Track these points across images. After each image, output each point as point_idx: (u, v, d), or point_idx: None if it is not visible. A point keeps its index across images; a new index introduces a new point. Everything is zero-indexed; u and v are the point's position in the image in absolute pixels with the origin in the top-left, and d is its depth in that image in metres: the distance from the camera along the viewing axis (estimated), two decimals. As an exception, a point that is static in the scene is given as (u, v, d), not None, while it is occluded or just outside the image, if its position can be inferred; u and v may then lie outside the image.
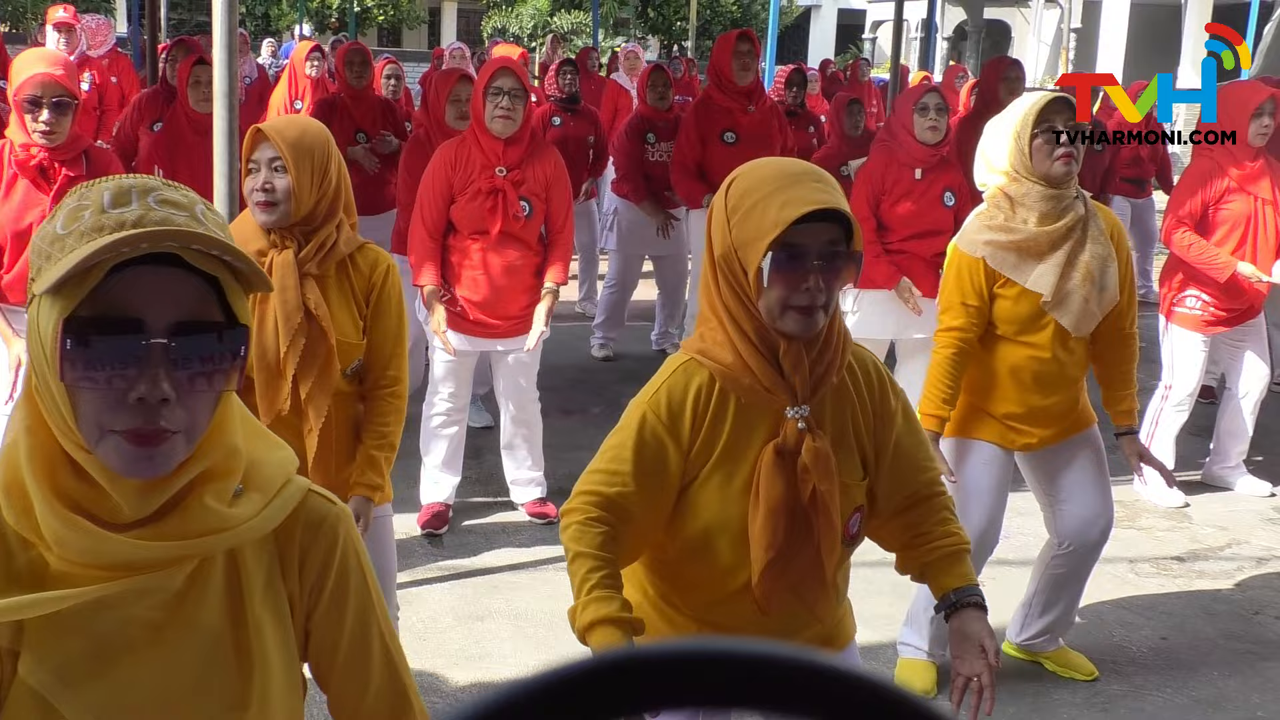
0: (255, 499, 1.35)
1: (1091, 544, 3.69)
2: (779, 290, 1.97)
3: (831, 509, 2.07)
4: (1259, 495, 5.53)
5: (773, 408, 2.07)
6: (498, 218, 4.49)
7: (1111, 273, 3.39)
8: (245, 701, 1.34)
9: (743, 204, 1.99)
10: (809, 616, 2.17)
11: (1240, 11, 13.47)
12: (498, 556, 4.63)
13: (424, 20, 30.66)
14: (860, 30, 32.14)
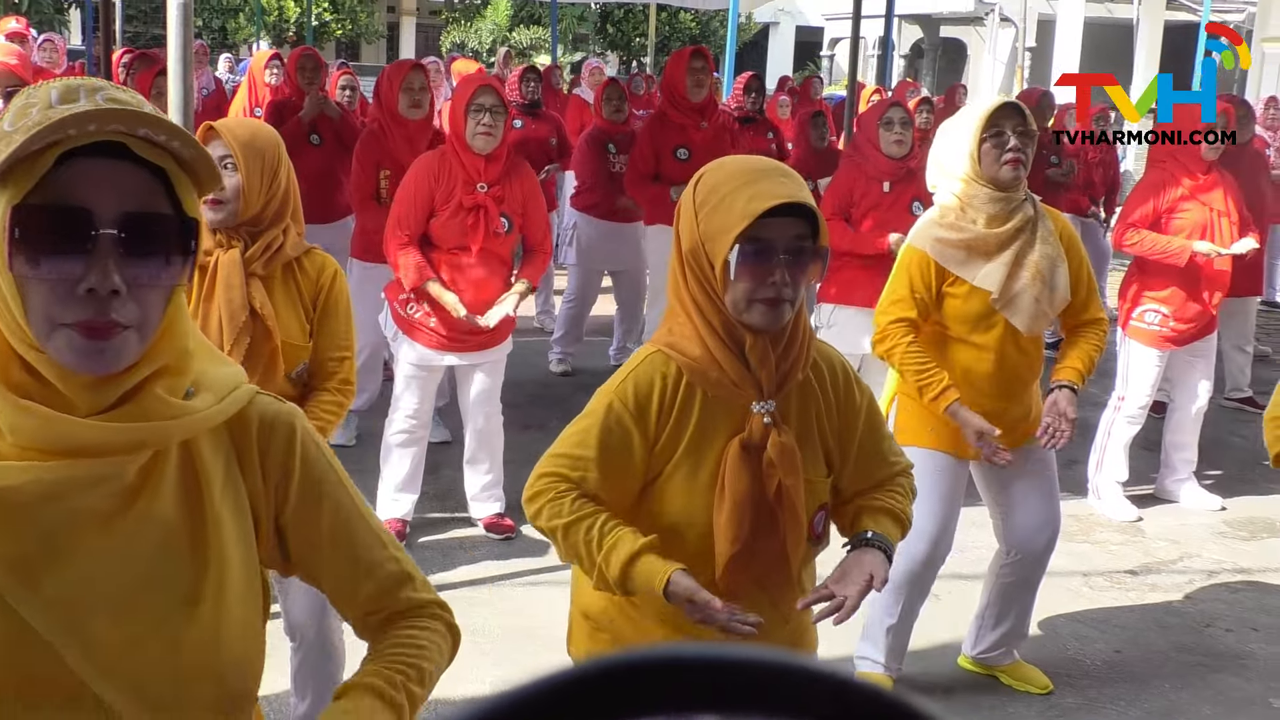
0: (207, 398, 1.35)
1: (1038, 552, 3.72)
2: (746, 283, 1.99)
3: (797, 503, 2.09)
4: (1210, 509, 5.59)
5: (739, 402, 2.08)
6: (479, 234, 4.49)
7: (1061, 272, 3.42)
8: (199, 595, 1.32)
9: (710, 198, 2.01)
10: (774, 614, 2.16)
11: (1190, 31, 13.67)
12: (455, 573, 4.61)
13: (382, 35, 30.57)
14: (818, 47, 32.34)
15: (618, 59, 28.07)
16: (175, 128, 1.27)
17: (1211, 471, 5.90)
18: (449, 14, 29.53)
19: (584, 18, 27.48)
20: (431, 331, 4.61)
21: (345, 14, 27.10)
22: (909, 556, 3.59)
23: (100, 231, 1.23)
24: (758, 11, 26.87)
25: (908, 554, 3.59)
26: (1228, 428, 6.79)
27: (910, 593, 3.66)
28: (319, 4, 25.49)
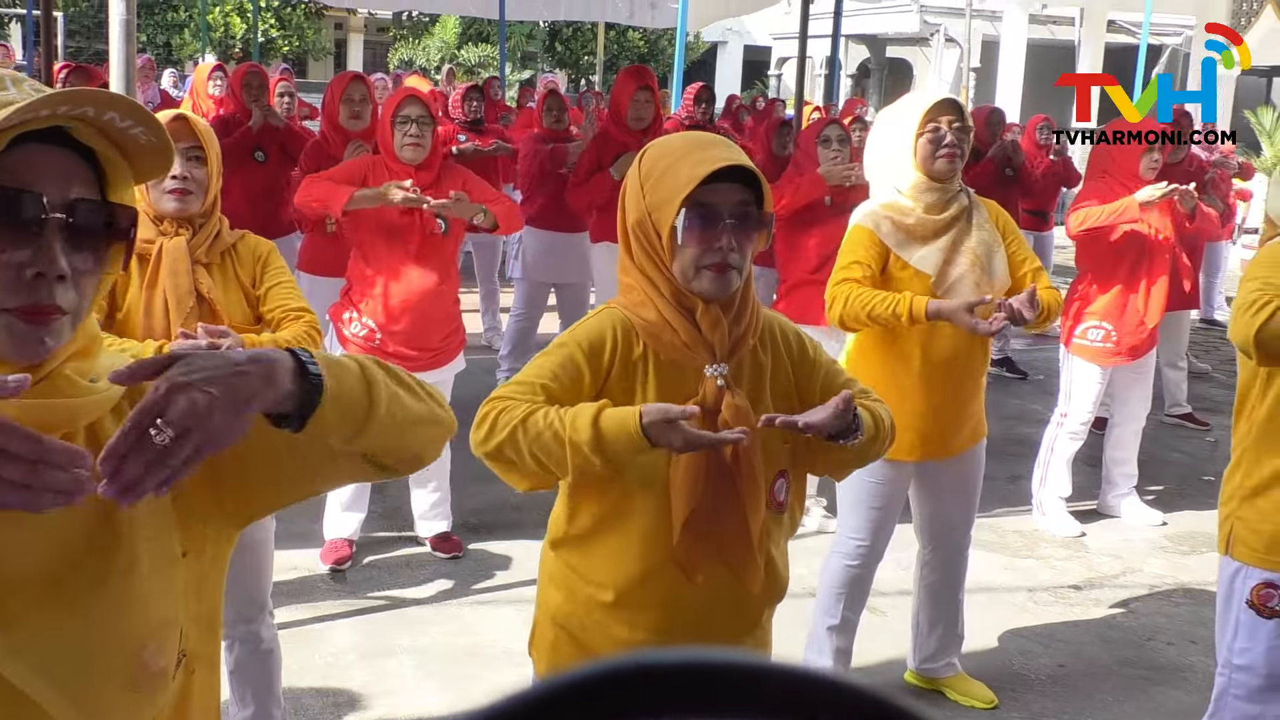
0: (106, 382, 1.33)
1: (954, 547, 3.78)
2: (693, 249, 2.02)
3: (754, 464, 2.10)
4: (1151, 524, 5.67)
5: (692, 365, 2.10)
6: (415, 235, 4.48)
7: (999, 258, 3.48)
8: (109, 573, 1.29)
9: (655, 169, 2.05)
10: (737, 588, 2.15)
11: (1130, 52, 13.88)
12: (403, 592, 4.58)
13: (329, 51, 30.45)
14: (766, 66, 32.52)
15: (566, 77, 28.10)
16: (144, 113, 1.26)
17: (1152, 487, 5.98)
18: (397, 31, 29.45)
19: (532, 36, 27.49)
20: (376, 350, 4.58)
21: (292, 30, 26.98)
22: (849, 556, 3.66)
23: (49, 216, 1.23)
24: (706, 31, 26.99)
25: (847, 554, 3.67)
26: (1168, 444, 6.89)
27: (850, 593, 3.71)
28: (265, 20, 25.36)
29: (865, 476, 3.54)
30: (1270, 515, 2.84)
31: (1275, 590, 2.85)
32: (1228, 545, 2.94)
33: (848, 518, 3.68)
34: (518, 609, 4.41)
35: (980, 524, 5.51)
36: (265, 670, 3.30)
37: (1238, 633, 2.91)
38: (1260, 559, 2.86)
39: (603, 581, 2.16)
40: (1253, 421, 2.89)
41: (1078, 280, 5.54)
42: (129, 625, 1.31)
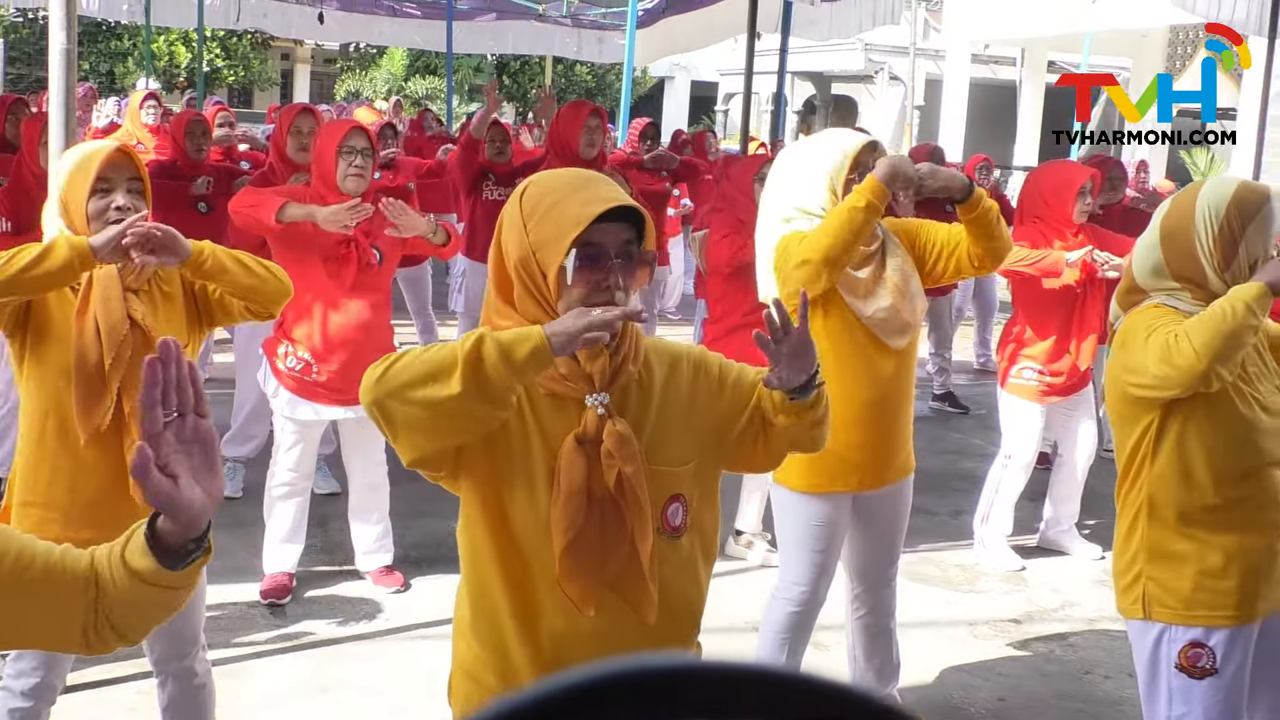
0: None
1: (883, 579, 3.76)
2: (581, 288, 2.00)
3: (639, 492, 2.05)
4: (1091, 558, 5.72)
5: (572, 396, 2.07)
6: (351, 265, 4.46)
7: (916, 282, 3.48)
8: None
9: (539, 206, 2.01)
10: (633, 622, 2.09)
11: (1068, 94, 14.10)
12: (343, 626, 4.54)
13: (276, 82, 30.32)
14: (713, 101, 32.76)
15: (514, 110, 28.16)
16: None
17: (1090, 521, 6.04)
18: (344, 62, 29.40)
19: (480, 69, 27.54)
20: (311, 384, 4.55)
21: (238, 60, 26.86)
22: (791, 601, 3.63)
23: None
24: (654, 66, 27.17)
25: (790, 599, 3.63)
26: (1106, 479, 6.94)
27: (794, 637, 3.69)
28: (211, 50, 25.23)
29: (805, 519, 3.55)
30: (1182, 571, 2.80)
31: (1202, 649, 2.79)
32: (1144, 608, 2.86)
33: (790, 563, 3.65)
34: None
35: (922, 558, 5.56)
36: (198, 705, 3.25)
37: (1172, 699, 2.83)
38: (1182, 616, 2.80)
39: (501, 622, 2.12)
40: (1145, 480, 2.85)
41: (1012, 320, 5.62)
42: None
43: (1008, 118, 23.49)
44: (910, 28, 24.63)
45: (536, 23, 15.65)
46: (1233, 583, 2.79)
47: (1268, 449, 2.77)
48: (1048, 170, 5.82)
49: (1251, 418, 2.75)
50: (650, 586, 2.08)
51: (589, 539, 2.04)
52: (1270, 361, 2.89)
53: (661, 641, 2.13)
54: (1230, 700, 2.81)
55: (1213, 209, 2.76)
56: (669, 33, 13.70)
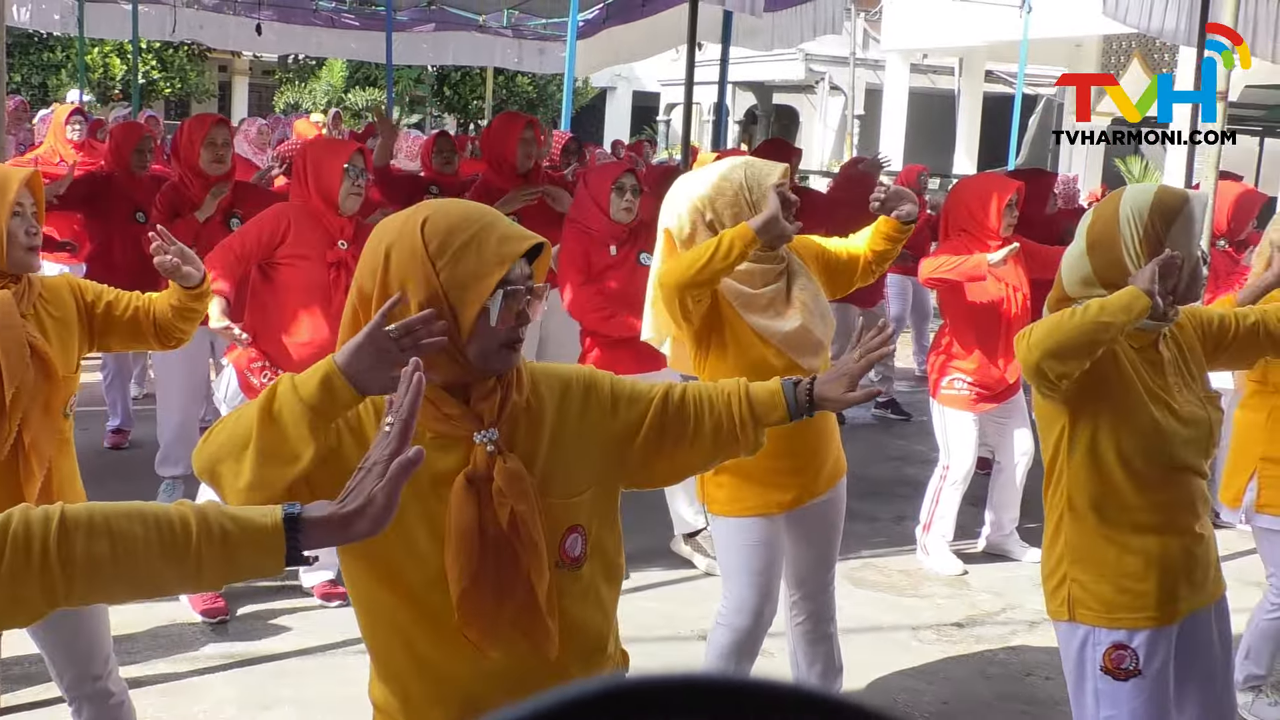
0: None
1: (821, 585, 3.76)
2: (501, 328, 1.95)
3: (531, 529, 1.99)
4: (1032, 561, 5.78)
5: (459, 434, 2.00)
6: (340, 289, 4.47)
7: (823, 300, 3.52)
8: None
9: (450, 244, 1.92)
10: (536, 658, 2.04)
11: (1006, 102, 14.28)
12: (284, 642, 4.49)
13: (213, 94, 30.01)
14: (655, 112, 32.81)
15: (455, 121, 28.06)
16: None
17: (1031, 524, 6.10)
18: (283, 74, 29.16)
19: (420, 80, 27.41)
20: None
21: (174, 72, 26.54)
22: (735, 630, 3.60)
23: None
24: (595, 76, 27.17)
25: (733, 627, 3.61)
26: (1047, 482, 7.04)
27: (739, 661, 3.67)
28: (146, 61, 24.94)
29: (742, 542, 3.54)
30: (1103, 574, 2.84)
31: (1125, 650, 2.83)
32: (1069, 610, 2.90)
33: (732, 587, 3.61)
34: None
35: (866, 563, 5.60)
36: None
37: (1099, 701, 2.87)
38: (1105, 619, 2.84)
39: (407, 668, 2.07)
40: (1064, 483, 2.89)
41: (941, 332, 5.68)
42: None
43: (947, 126, 23.72)
44: (850, 38, 24.82)
45: (477, 34, 15.60)
46: (1152, 585, 2.83)
47: (1180, 455, 2.81)
48: (973, 183, 5.89)
49: (1165, 425, 2.78)
50: (549, 623, 2.02)
51: (485, 581, 1.97)
52: (1196, 371, 2.92)
53: (569, 673, 2.07)
54: (1155, 700, 2.85)
55: (1136, 214, 2.80)
56: (610, 43, 13.72)
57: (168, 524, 1.64)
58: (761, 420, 2.29)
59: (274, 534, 1.64)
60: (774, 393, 2.31)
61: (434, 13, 15.01)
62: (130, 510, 1.66)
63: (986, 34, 19.28)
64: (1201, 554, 2.89)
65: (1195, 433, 2.82)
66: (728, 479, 3.50)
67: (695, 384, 2.32)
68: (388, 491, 1.66)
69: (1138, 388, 2.78)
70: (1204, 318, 3.00)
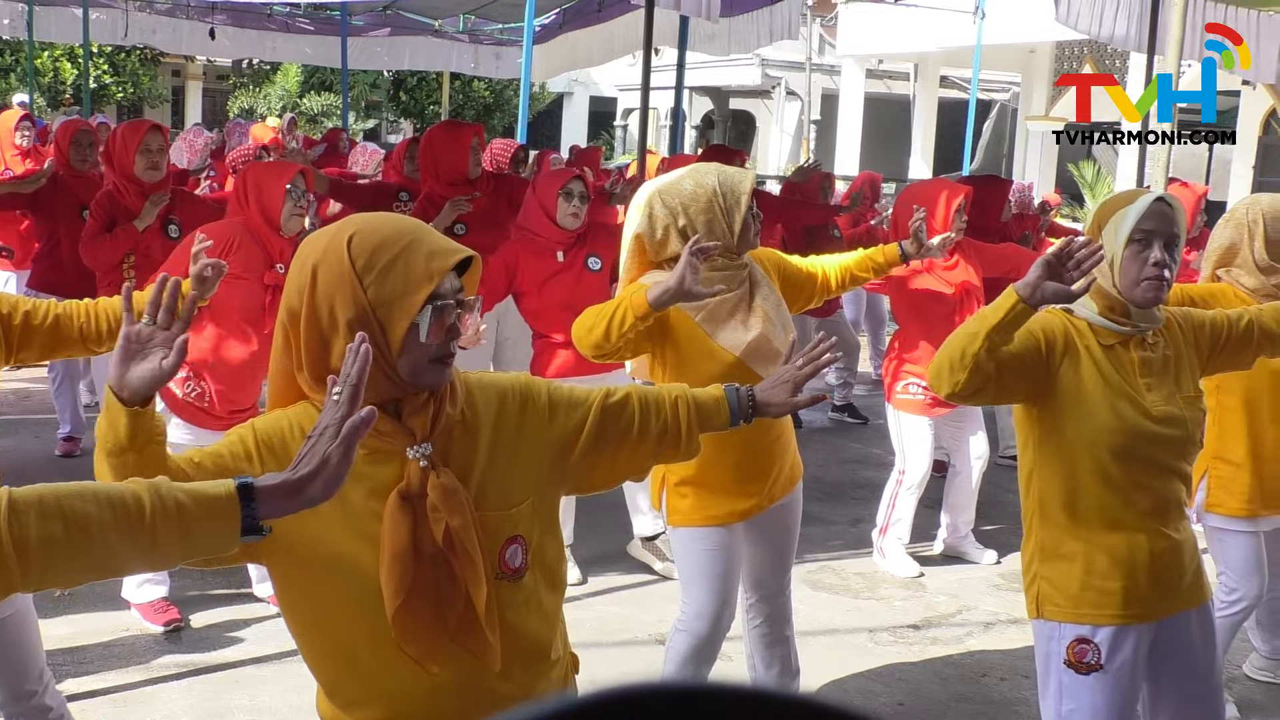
0: None
1: (778, 588, 3.78)
2: (432, 343, 1.93)
3: (468, 543, 1.96)
4: (987, 563, 5.83)
5: (391, 450, 1.98)
6: (274, 313, 4.43)
7: (784, 309, 3.55)
8: None
9: (377, 261, 1.89)
10: (480, 670, 2.02)
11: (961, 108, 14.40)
12: (239, 651, 4.46)
13: (167, 99, 29.75)
14: (612, 117, 32.85)
15: (411, 126, 27.96)
16: None
17: (987, 527, 6.15)
18: (237, 79, 28.97)
19: (376, 85, 27.31)
20: (203, 412, 4.51)
21: (127, 77, 26.30)
22: (694, 635, 3.60)
23: None
24: (552, 82, 27.16)
25: (692, 633, 3.60)
26: (1002, 484, 7.09)
27: (698, 665, 3.67)
28: (98, 66, 24.69)
29: (701, 548, 3.54)
30: (1069, 571, 2.89)
31: (1088, 645, 2.88)
32: (1038, 607, 2.96)
33: (691, 594, 3.61)
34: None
35: (823, 566, 5.62)
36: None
37: (1061, 695, 2.92)
38: (1069, 614, 2.89)
39: (348, 686, 2.06)
40: (1035, 484, 2.95)
41: (895, 335, 5.71)
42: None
43: (903, 131, 23.89)
44: (806, 43, 24.94)
45: (433, 38, 15.56)
46: (1118, 584, 2.86)
47: (1149, 453, 2.84)
48: (923, 187, 5.90)
49: (1131, 422, 2.81)
50: (490, 636, 2.00)
51: (423, 597, 1.95)
52: (1182, 372, 2.94)
53: (512, 683, 2.06)
54: (1117, 696, 2.88)
55: (1096, 210, 2.94)
56: (567, 48, 13.72)
57: (120, 500, 1.63)
58: (705, 426, 2.31)
59: (228, 503, 1.65)
60: (717, 399, 2.34)
61: (389, 17, 14.96)
62: (81, 489, 1.65)
63: (941, 40, 19.44)
64: (1175, 558, 2.92)
65: (1170, 432, 2.85)
66: (690, 490, 3.51)
67: (636, 387, 2.31)
68: (341, 452, 1.66)
69: (1098, 386, 2.82)
70: (1196, 321, 3.04)
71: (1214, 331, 3.03)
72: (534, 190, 5.32)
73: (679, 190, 3.43)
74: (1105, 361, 2.84)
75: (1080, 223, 16.39)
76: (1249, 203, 3.99)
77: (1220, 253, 3.96)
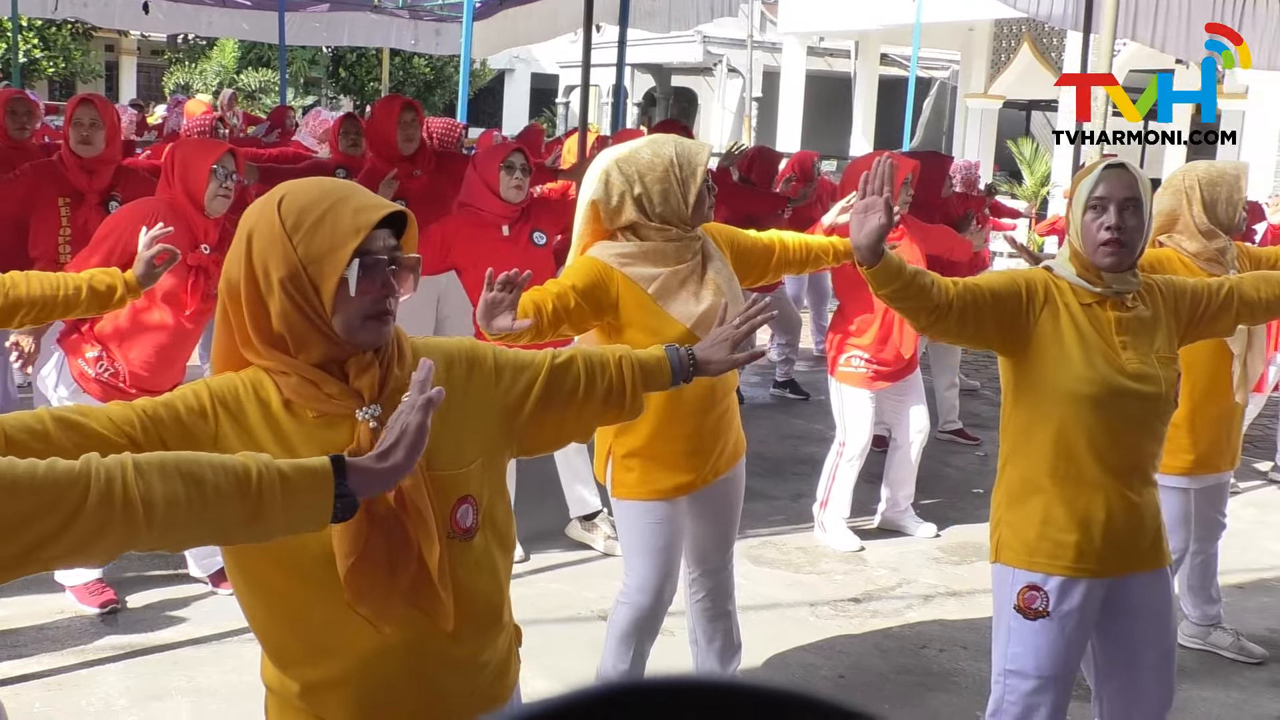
0: None
1: (721, 562, 3.80)
2: (361, 299, 1.94)
3: (419, 503, 1.98)
4: (926, 536, 5.89)
5: (343, 413, 1.99)
6: (197, 295, 4.39)
7: (736, 284, 3.57)
8: None
9: (305, 219, 1.92)
10: (435, 632, 2.03)
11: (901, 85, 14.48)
12: (177, 631, 4.42)
13: (100, 75, 29.23)
14: (554, 94, 32.70)
15: (351, 103, 27.68)
16: None
17: (926, 500, 6.21)
18: (172, 54, 28.51)
19: (315, 61, 27.00)
20: (117, 391, 4.44)
21: (58, 51, 25.82)
22: (636, 608, 3.62)
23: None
24: (493, 58, 27.00)
25: (635, 605, 3.62)
26: (941, 459, 7.17)
27: (640, 639, 3.69)
28: (27, 39, 24.21)
29: (645, 522, 3.55)
30: (1029, 519, 2.98)
31: (1038, 592, 2.97)
32: (996, 552, 3.07)
33: (633, 567, 3.63)
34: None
35: (764, 541, 5.65)
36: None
37: (1010, 638, 3.03)
38: (1023, 561, 2.99)
39: (294, 647, 2.05)
40: (1010, 432, 3.05)
41: (837, 310, 5.75)
42: None
43: (844, 109, 23.97)
44: (747, 20, 24.94)
45: (372, 14, 15.41)
46: (1072, 537, 2.95)
47: (1125, 409, 2.92)
48: (868, 161, 5.94)
49: (1109, 376, 2.89)
50: (443, 595, 2.02)
51: (374, 557, 1.96)
52: (1162, 335, 3.02)
53: (463, 645, 2.08)
54: (1060, 644, 2.97)
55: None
56: (507, 25, 13.63)
57: (230, 467, 1.70)
58: (648, 385, 2.37)
59: (324, 476, 1.73)
60: (659, 358, 2.40)
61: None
62: (195, 455, 1.71)
63: (881, 18, 19.52)
64: (1133, 519, 2.99)
65: (1143, 388, 2.93)
66: (635, 463, 3.52)
67: (580, 349, 2.34)
68: (417, 422, 1.77)
69: (1074, 339, 2.92)
70: (1178, 287, 3.15)
71: (1194, 299, 3.14)
72: (475, 166, 5.29)
73: (636, 159, 3.45)
74: (1083, 317, 2.95)
75: (1019, 200, 16.56)
76: (1185, 170, 4.23)
77: (1162, 218, 4.17)
